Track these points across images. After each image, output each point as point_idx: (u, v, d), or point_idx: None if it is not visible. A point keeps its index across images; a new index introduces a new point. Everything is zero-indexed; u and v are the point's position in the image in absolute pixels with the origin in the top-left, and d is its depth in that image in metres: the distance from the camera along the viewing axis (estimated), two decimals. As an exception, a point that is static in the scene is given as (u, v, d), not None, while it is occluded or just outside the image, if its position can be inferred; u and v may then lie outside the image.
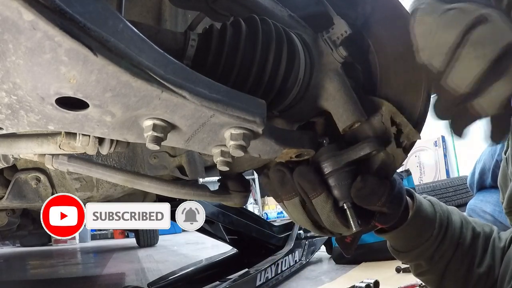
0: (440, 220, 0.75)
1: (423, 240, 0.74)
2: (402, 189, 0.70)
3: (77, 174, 1.24)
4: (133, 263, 3.05)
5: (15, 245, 6.09)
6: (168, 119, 0.48)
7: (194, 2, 0.71)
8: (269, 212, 8.20)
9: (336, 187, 0.66)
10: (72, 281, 2.39)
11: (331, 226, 0.64)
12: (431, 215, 0.75)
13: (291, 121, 0.73)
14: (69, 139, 0.59)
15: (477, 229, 0.80)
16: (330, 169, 0.66)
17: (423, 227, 0.74)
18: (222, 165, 0.58)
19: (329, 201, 0.64)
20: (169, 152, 1.13)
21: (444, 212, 0.78)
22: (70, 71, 0.38)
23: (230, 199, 0.83)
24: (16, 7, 0.32)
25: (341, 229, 0.65)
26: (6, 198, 1.20)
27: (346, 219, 0.64)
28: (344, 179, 0.66)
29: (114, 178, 0.74)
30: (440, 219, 0.76)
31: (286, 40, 0.63)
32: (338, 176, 0.66)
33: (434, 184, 4.38)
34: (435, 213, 0.76)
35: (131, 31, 0.41)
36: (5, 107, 0.45)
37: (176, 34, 0.61)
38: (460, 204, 3.85)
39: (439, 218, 0.76)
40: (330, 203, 0.64)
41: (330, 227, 0.65)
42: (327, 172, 0.66)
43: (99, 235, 7.59)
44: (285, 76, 0.63)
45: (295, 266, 1.80)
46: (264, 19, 0.64)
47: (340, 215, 0.64)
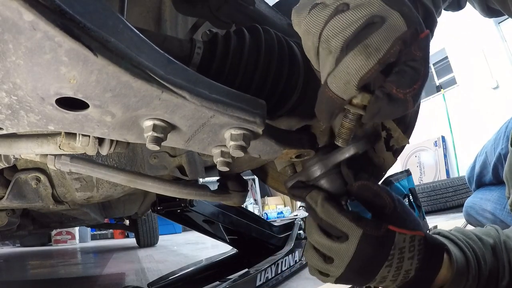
0: (472, 266, 0.69)
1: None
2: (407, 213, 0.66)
3: (77, 174, 1.23)
4: (133, 263, 3.05)
5: (15, 245, 6.09)
6: (168, 119, 0.49)
7: (199, 10, 0.73)
8: (269, 212, 8.20)
9: (328, 187, 0.67)
10: (72, 281, 2.39)
11: (325, 214, 0.62)
12: (464, 268, 0.68)
13: (290, 124, 0.73)
14: (69, 140, 0.59)
15: (491, 241, 0.75)
16: (319, 172, 0.67)
17: (459, 282, 0.68)
18: (222, 166, 0.58)
19: (320, 193, 0.64)
20: (169, 152, 1.13)
21: (470, 250, 0.71)
22: (70, 72, 0.38)
23: (229, 198, 0.84)
24: (16, 7, 0.32)
25: (340, 219, 0.62)
26: (6, 198, 1.20)
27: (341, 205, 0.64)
28: (334, 180, 0.67)
29: (116, 178, 0.74)
30: (471, 265, 0.69)
31: (287, 50, 0.65)
32: (328, 177, 0.67)
33: (434, 184, 4.38)
34: (466, 260, 0.69)
35: (131, 32, 0.41)
36: (5, 107, 0.45)
37: (182, 42, 0.61)
38: (460, 204, 3.85)
39: (471, 265, 0.69)
40: (322, 194, 0.64)
41: (324, 215, 0.62)
42: (316, 176, 0.67)
43: (99, 235, 7.59)
44: (286, 84, 0.65)
45: (295, 266, 1.80)
46: (266, 28, 0.66)
47: (335, 203, 0.63)
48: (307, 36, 0.50)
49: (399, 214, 0.63)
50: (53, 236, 6.20)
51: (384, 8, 0.45)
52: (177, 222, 1.88)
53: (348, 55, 0.45)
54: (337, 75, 0.47)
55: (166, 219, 1.80)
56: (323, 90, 0.50)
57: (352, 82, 0.46)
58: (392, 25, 0.45)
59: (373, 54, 0.44)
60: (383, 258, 0.60)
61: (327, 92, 0.49)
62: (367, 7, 0.46)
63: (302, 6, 0.51)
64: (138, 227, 4.24)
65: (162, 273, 1.78)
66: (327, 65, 0.49)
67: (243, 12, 0.74)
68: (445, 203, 4.15)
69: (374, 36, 0.44)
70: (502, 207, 1.78)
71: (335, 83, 0.47)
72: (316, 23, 0.49)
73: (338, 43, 0.46)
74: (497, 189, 1.87)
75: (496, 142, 1.77)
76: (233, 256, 1.98)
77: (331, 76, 0.47)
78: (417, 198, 2.23)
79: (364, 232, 0.60)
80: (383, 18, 0.45)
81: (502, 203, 1.79)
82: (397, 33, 0.44)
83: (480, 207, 1.93)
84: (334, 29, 0.47)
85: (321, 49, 0.49)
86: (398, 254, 0.61)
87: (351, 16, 0.46)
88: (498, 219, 1.79)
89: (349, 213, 0.62)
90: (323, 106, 0.51)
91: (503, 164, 1.47)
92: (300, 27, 0.51)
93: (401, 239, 0.61)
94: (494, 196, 1.85)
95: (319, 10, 0.49)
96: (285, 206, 8.63)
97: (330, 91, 0.48)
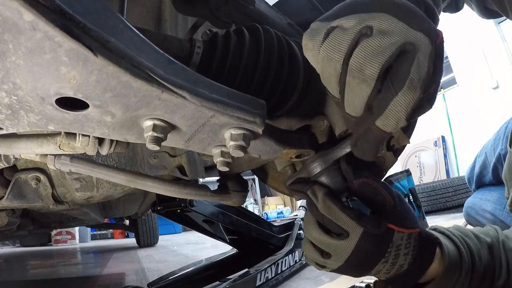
0: (465, 261, 0.70)
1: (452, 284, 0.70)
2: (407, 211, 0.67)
3: (77, 174, 1.23)
4: (133, 263, 3.04)
5: (15, 245, 6.09)
6: (168, 119, 0.48)
7: (199, 10, 0.73)
8: (269, 212, 8.20)
9: (328, 184, 0.67)
10: (72, 281, 2.39)
11: (326, 210, 0.63)
12: (457, 262, 0.69)
13: (290, 124, 0.74)
14: (69, 140, 0.59)
15: (488, 240, 0.75)
16: (319, 168, 0.67)
17: (451, 276, 0.69)
18: (222, 166, 0.58)
19: (322, 189, 0.65)
20: (169, 152, 1.13)
21: (464, 246, 0.72)
22: (70, 72, 0.38)
23: (229, 198, 0.84)
24: (16, 7, 0.32)
25: (341, 216, 0.62)
26: (6, 198, 1.20)
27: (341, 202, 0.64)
28: (335, 176, 0.67)
29: (116, 178, 0.74)
30: (465, 260, 0.70)
31: (287, 49, 0.65)
32: (329, 173, 0.67)
33: (434, 184, 4.38)
34: (459, 255, 0.70)
35: (131, 32, 0.41)
36: (5, 107, 0.45)
37: (182, 42, 0.61)
38: (460, 204, 3.85)
39: (464, 260, 0.70)
40: (323, 190, 0.64)
41: (325, 212, 0.63)
42: (317, 172, 0.68)
43: (99, 235, 7.59)
44: (286, 84, 0.65)
45: (295, 266, 1.80)
46: (266, 28, 0.66)
47: (337, 200, 0.63)
48: (328, 62, 0.48)
49: (399, 212, 0.64)
50: (53, 236, 6.20)
51: (411, 32, 0.45)
52: (177, 222, 1.88)
53: (398, 95, 0.45)
54: (390, 115, 0.46)
55: (166, 219, 1.80)
56: (372, 131, 0.49)
57: (403, 117, 0.46)
58: (424, 50, 0.45)
59: (418, 85, 0.45)
60: (380, 255, 0.62)
61: (375, 131, 0.48)
62: (394, 33, 0.45)
63: (316, 30, 0.49)
64: (138, 227, 4.24)
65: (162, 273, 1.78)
66: (359, 93, 0.47)
67: (243, 12, 0.74)
68: (445, 203, 4.15)
69: (414, 67, 0.45)
70: (502, 208, 1.78)
71: (387, 122, 0.47)
72: (338, 48, 0.47)
73: (374, 71, 0.45)
74: (497, 189, 1.87)
75: (495, 143, 1.77)
76: (233, 256, 1.98)
77: (383, 118, 0.47)
78: (417, 198, 2.23)
79: (365, 230, 0.60)
80: (414, 45, 0.45)
81: (502, 203, 1.79)
82: (428, 54, 0.45)
83: (480, 207, 1.93)
84: (366, 56, 0.45)
85: (351, 78, 0.47)
86: (395, 251, 0.62)
87: (381, 42, 0.45)
88: (498, 220, 1.79)
89: (350, 210, 0.62)
90: (370, 144, 0.51)
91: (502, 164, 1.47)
92: (318, 52, 0.49)
93: (399, 237, 0.62)
94: (494, 197, 1.85)
95: (339, 34, 0.47)
96: (285, 206, 8.62)
97: (379, 129, 0.48)
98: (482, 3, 1.02)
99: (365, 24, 0.46)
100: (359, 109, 0.49)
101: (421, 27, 0.45)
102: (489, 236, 0.77)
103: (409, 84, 0.45)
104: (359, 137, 0.51)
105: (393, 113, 0.46)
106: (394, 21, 0.45)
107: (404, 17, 0.45)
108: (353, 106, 0.49)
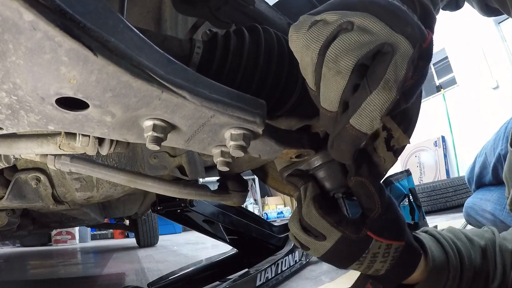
0: (453, 266, 0.71)
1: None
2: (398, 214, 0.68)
3: (77, 174, 1.23)
4: (133, 263, 3.04)
5: (15, 245, 6.09)
6: (168, 119, 0.49)
7: (198, 10, 0.73)
8: (269, 212, 8.21)
9: (326, 178, 0.68)
10: (72, 281, 2.39)
11: (307, 216, 0.64)
12: (443, 267, 0.70)
13: (290, 124, 0.74)
14: (69, 140, 0.59)
15: (482, 243, 0.75)
16: (320, 161, 0.68)
17: (437, 281, 0.70)
18: (222, 166, 0.58)
19: (312, 190, 0.65)
20: (169, 152, 1.13)
21: (454, 249, 0.73)
22: (70, 72, 0.38)
23: (229, 198, 0.84)
24: (16, 7, 0.32)
25: (320, 222, 0.63)
26: (6, 198, 1.20)
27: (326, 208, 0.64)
28: (334, 171, 0.67)
29: (116, 178, 0.74)
30: (453, 264, 0.71)
31: (287, 49, 0.65)
32: (329, 167, 0.67)
33: (434, 184, 4.38)
34: (447, 259, 0.71)
35: (131, 31, 0.41)
36: (5, 107, 0.45)
37: (182, 41, 0.61)
38: (460, 204, 3.85)
39: (452, 265, 0.71)
40: (313, 192, 0.65)
41: (306, 217, 0.64)
42: (317, 165, 0.68)
43: (99, 235, 7.59)
44: (286, 84, 0.65)
45: (295, 266, 1.80)
46: (266, 28, 0.66)
47: (320, 205, 0.64)
48: (306, 51, 0.48)
49: (383, 222, 0.64)
50: (53, 236, 6.20)
51: (392, 34, 0.45)
52: (177, 222, 1.88)
53: (373, 94, 0.45)
54: (364, 114, 0.47)
55: (166, 219, 1.80)
56: (347, 130, 0.49)
57: (378, 117, 0.47)
58: (403, 53, 0.45)
59: (393, 86, 0.45)
60: (354, 258, 0.64)
61: (350, 131, 0.48)
62: (374, 33, 0.45)
63: (301, 23, 0.50)
64: (138, 227, 4.24)
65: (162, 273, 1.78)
66: (334, 86, 0.47)
67: (243, 12, 0.74)
68: (445, 203, 4.15)
69: (390, 68, 0.45)
70: (502, 208, 1.78)
71: (361, 122, 0.47)
72: (317, 39, 0.47)
73: (349, 64, 0.45)
74: (497, 189, 1.87)
75: (495, 143, 1.77)
76: (233, 256, 1.98)
77: (356, 116, 0.47)
78: (417, 198, 2.23)
79: (342, 235, 0.62)
80: (392, 47, 0.45)
81: (502, 203, 1.79)
82: (408, 58, 0.45)
83: (480, 207, 1.93)
84: (343, 48, 0.46)
85: (326, 68, 0.47)
86: (371, 257, 0.64)
87: (359, 38, 0.45)
88: (498, 220, 1.79)
89: (331, 216, 0.63)
90: (346, 145, 0.51)
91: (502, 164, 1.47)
92: (298, 43, 0.49)
93: (376, 245, 0.63)
94: (494, 197, 1.85)
95: (321, 27, 0.47)
96: (285, 206, 8.63)
97: (354, 129, 0.48)
98: (483, 1, 1.01)
99: (346, 19, 0.46)
100: (334, 103, 0.49)
101: (403, 30, 0.46)
102: (483, 238, 0.77)
103: (384, 84, 0.45)
104: (335, 137, 0.51)
105: (366, 112, 0.46)
106: (375, 21, 0.46)
107: (387, 19, 0.46)
108: (328, 100, 0.49)
